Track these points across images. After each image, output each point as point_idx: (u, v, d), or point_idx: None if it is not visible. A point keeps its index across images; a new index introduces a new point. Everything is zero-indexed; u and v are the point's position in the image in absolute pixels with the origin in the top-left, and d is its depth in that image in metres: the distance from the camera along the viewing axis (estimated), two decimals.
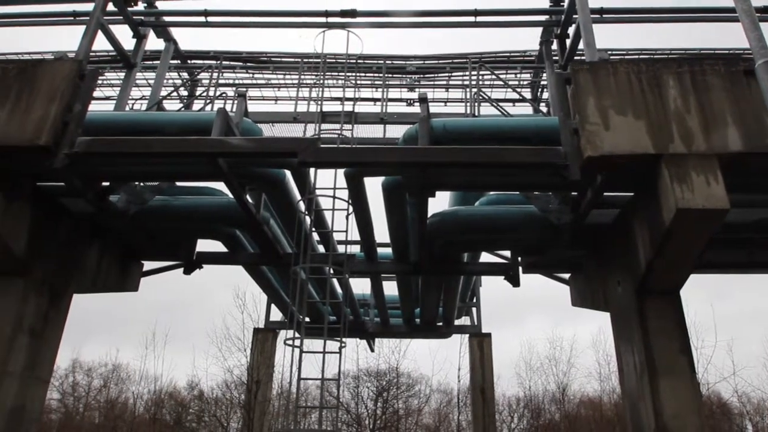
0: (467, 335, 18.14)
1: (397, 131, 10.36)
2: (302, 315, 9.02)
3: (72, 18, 10.01)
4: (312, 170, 8.58)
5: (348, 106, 9.99)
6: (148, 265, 10.06)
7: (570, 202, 7.77)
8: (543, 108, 11.90)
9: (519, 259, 10.02)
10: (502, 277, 10.29)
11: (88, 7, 9.27)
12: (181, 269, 9.84)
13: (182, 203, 8.61)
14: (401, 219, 8.96)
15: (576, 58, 8.82)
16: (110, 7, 8.83)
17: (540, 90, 12.49)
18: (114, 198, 8.14)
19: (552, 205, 8.00)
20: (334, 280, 11.00)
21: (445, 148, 6.80)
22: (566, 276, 10.35)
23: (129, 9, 9.40)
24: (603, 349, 27.41)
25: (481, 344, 17.43)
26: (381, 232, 10.05)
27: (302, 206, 8.86)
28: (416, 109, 11.54)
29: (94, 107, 7.74)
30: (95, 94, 7.80)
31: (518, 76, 12.69)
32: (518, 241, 9.37)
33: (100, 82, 11.16)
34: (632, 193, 7.01)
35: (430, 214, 8.43)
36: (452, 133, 7.25)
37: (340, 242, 10.52)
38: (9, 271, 7.41)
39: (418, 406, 31.47)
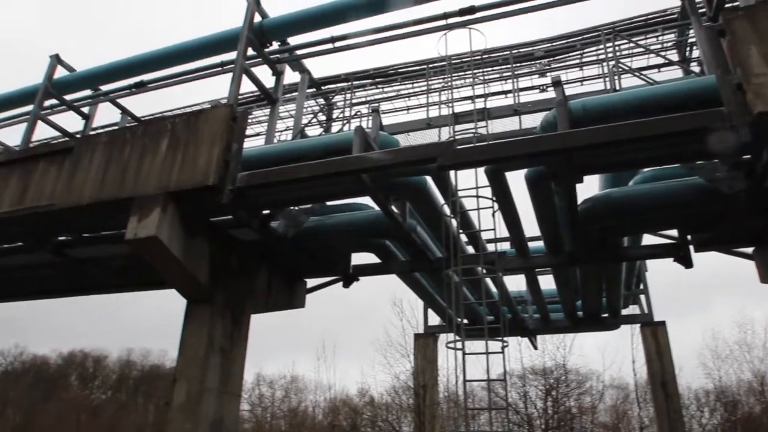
0: (638, 325, 16.80)
1: (533, 120, 10.02)
2: (460, 317, 9.03)
3: (221, 68, 11.14)
4: (452, 172, 8.59)
5: (479, 104, 9.87)
6: (311, 282, 10.77)
7: (742, 167, 6.89)
8: (695, 68, 10.75)
9: (688, 237, 9.10)
10: (671, 259, 9.41)
11: (232, 55, 10.29)
12: (341, 283, 10.39)
13: (334, 221, 9.12)
14: (549, 209, 8.62)
15: (727, 5, 7.86)
16: (250, 51, 9.66)
17: (688, 49, 11.30)
18: (274, 224, 8.86)
19: (720, 173, 7.15)
20: (488, 280, 10.87)
21: (588, 130, 6.42)
22: (749, 250, 9.17)
23: (266, 50, 10.21)
24: None
25: (654, 334, 16.02)
26: (530, 225, 9.75)
27: (447, 209, 8.90)
28: (551, 94, 11.06)
29: (248, 144, 8.51)
30: (247, 132, 8.58)
31: (660, 38, 11.60)
32: (685, 218, 8.52)
33: (249, 120, 12.23)
34: None
35: (579, 200, 8.00)
36: (593, 113, 6.84)
37: (489, 241, 10.39)
38: (197, 298, 8.40)
39: (592, 404, 29.81)
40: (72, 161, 8.62)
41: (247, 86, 10.44)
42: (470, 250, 10.87)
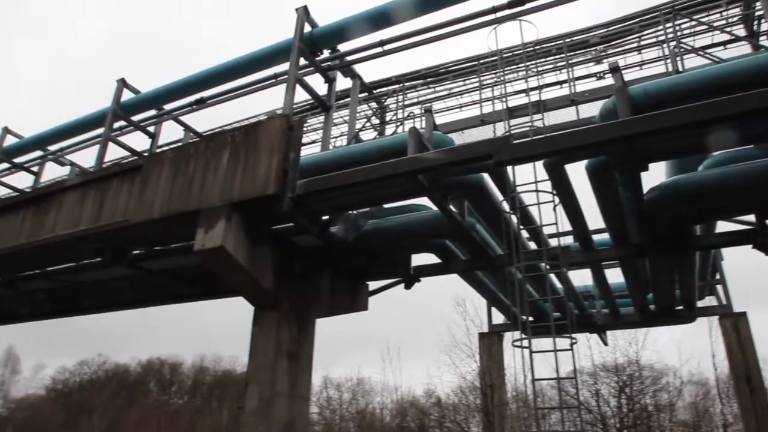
0: (716, 317, 15.93)
1: (591, 109, 9.72)
2: (525, 315, 8.86)
3: (274, 80, 11.43)
4: (509, 168, 8.46)
5: (534, 96, 9.67)
6: (373, 285, 10.86)
7: None
8: (765, 42, 10.12)
9: (767, 222, 8.57)
10: (750, 246, 8.88)
11: (285, 66, 10.54)
12: (402, 285, 10.41)
13: (393, 223, 9.16)
14: (613, 200, 8.33)
15: None
16: (302, 61, 9.86)
17: (756, 23, 10.65)
18: (334, 229, 8.99)
19: None
20: (552, 276, 10.62)
21: (651, 116, 6.15)
22: None
23: (317, 59, 10.40)
24: None
25: (735, 325, 15.12)
26: (593, 217, 9.45)
27: (506, 206, 8.77)
28: (608, 81, 10.71)
29: (304, 152, 8.68)
30: (303, 140, 8.76)
31: (724, 14, 10.99)
32: (762, 202, 8.03)
33: (305, 128, 12.48)
34: None
35: (645, 189, 7.69)
36: (656, 97, 6.56)
37: (551, 235, 10.13)
38: (263, 305, 8.65)
39: (669, 401, 28.50)
40: (142, 178, 9.06)
41: (301, 95, 10.69)
42: (532, 245, 10.65)
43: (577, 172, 8.11)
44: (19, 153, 15.21)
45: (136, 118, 12.84)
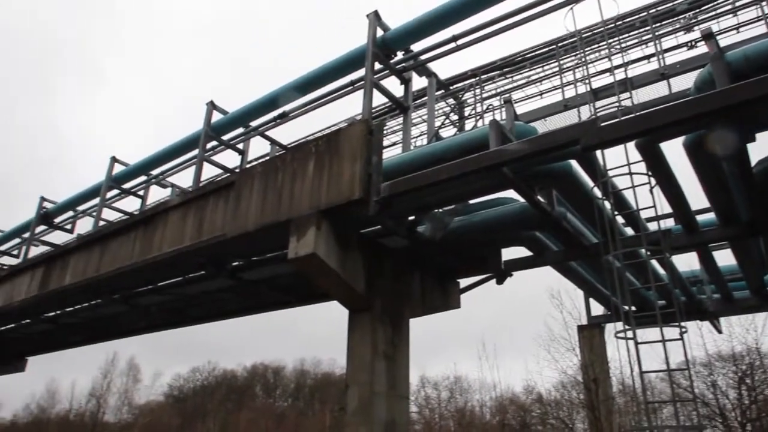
0: None
1: (684, 82, 9.11)
2: (627, 305, 8.43)
3: (351, 86, 11.65)
4: (598, 152, 8.09)
5: (619, 74, 9.19)
6: (464, 282, 10.78)
7: None
8: None
9: None
10: None
11: (360, 72, 10.72)
12: (494, 280, 10.25)
13: (480, 218, 9.05)
14: (718, 176, 7.74)
15: None
16: (376, 65, 9.98)
17: None
18: (421, 228, 9.02)
19: None
20: (654, 262, 10.04)
21: (755, 81, 5.66)
22: None
23: (391, 61, 10.48)
24: None
25: None
26: (695, 197, 8.85)
27: (597, 192, 8.40)
28: (702, 49, 9.98)
29: (386, 154, 8.79)
30: (384, 143, 8.86)
31: None
32: None
33: (384, 131, 12.61)
34: None
35: (753, 162, 7.09)
36: (758, 61, 6.03)
37: (650, 219, 9.58)
38: (358, 308, 8.84)
39: None
40: (235, 194, 9.55)
41: (378, 99, 10.82)
42: (629, 231, 10.12)
43: (674, 150, 7.63)
44: (127, 179, 16.51)
45: (225, 137, 13.56)
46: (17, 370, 23.50)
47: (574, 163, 8.06)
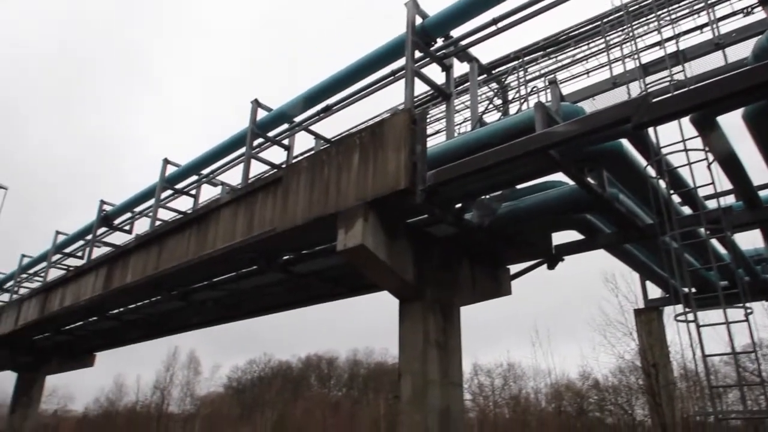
0: None
1: (741, 51, 8.66)
2: (686, 286, 8.13)
3: (392, 76, 11.62)
4: (651, 129, 7.80)
5: (670, 47, 8.81)
6: (514, 268, 10.64)
7: None
8: None
9: None
10: None
11: (401, 62, 10.67)
12: (545, 266, 10.07)
13: (528, 203, 8.89)
14: None
15: None
16: (417, 54, 9.91)
17: None
18: (468, 216, 8.94)
19: None
20: (714, 241, 9.63)
21: None
22: None
23: (431, 48, 10.38)
24: None
25: None
26: (757, 171, 8.42)
27: (651, 171, 8.10)
28: (759, 15, 9.45)
29: (430, 143, 8.71)
30: (428, 131, 8.80)
31: None
32: None
33: (428, 119, 12.53)
34: None
35: None
36: None
37: (708, 197, 9.18)
38: (407, 297, 8.87)
39: None
40: (283, 189, 9.72)
41: (420, 87, 10.75)
42: (687, 210, 9.74)
43: (733, 122, 7.28)
44: (179, 180, 17.05)
45: (271, 133, 13.78)
46: (87, 365, 24.81)
47: (625, 142, 7.80)
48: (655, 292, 15.86)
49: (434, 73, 10.69)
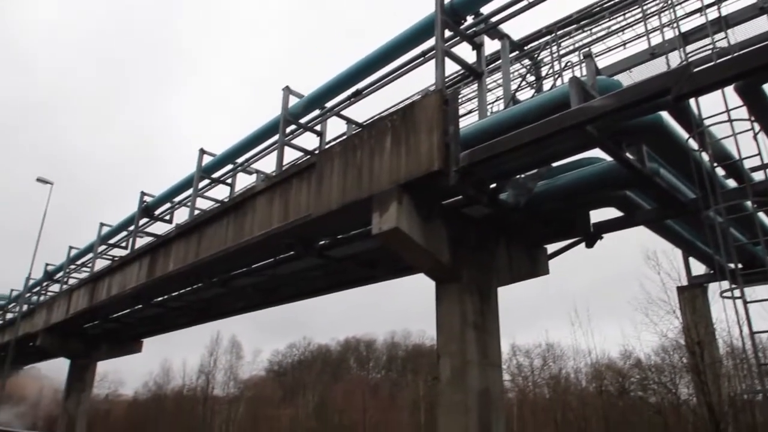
0: None
1: None
2: (732, 262, 7.88)
3: (422, 57, 11.51)
4: (692, 100, 7.53)
5: (712, 13, 8.47)
6: (551, 248, 10.49)
7: None
8: None
9: None
10: None
11: (431, 42, 10.56)
12: (583, 244, 9.90)
13: (565, 181, 8.74)
14: None
15: None
16: (446, 33, 9.77)
17: None
18: (504, 196, 8.85)
19: None
20: (761, 214, 9.28)
21: None
22: None
23: (461, 27, 10.23)
24: None
25: None
26: None
27: (693, 143, 7.84)
28: None
29: (463, 123, 8.64)
30: (460, 111, 8.71)
31: None
32: None
33: (459, 100, 12.40)
34: None
35: None
36: None
37: (755, 168, 8.85)
38: (444, 279, 8.87)
39: None
40: (317, 175, 9.79)
41: (451, 67, 10.61)
42: (732, 183, 9.41)
43: None
44: (215, 169, 17.36)
45: (303, 120, 13.87)
46: (134, 351, 25.76)
47: (665, 114, 7.55)
48: (698, 268, 15.43)
49: (465, 52, 10.55)
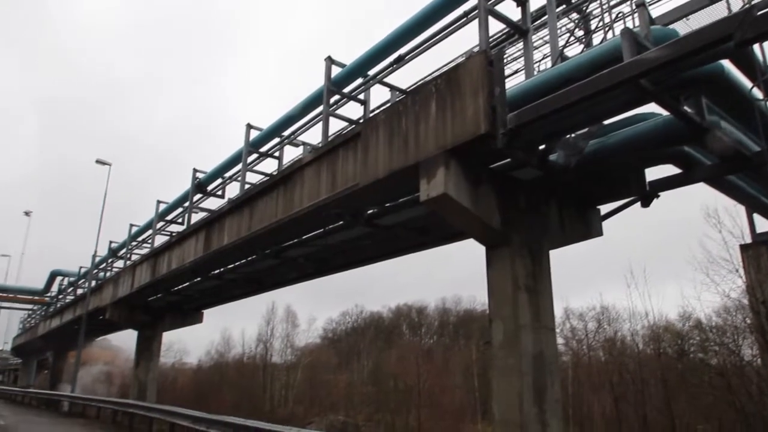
0: None
1: None
2: None
3: (465, 17, 11.20)
4: (756, 47, 7.07)
5: None
6: (605, 208, 10.22)
7: None
8: None
9: None
10: None
11: (473, 2, 10.25)
12: (638, 204, 9.59)
13: (618, 139, 8.43)
14: None
15: None
16: None
17: None
18: (554, 156, 8.63)
19: None
20: None
21: None
22: None
23: None
24: None
25: None
26: None
27: (758, 93, 7.39)
28: None
29: (509, 84, 8.40)
30: (506, 72, 8.48)
31: None
32: None
33: (505, 60, 12.05)
34: None
35: None
36: None
37: None
38: (495, 243, 8.80)
39: None
40: (363, 144, 9.80)
41: (494, 27, 10.30)
42: None
43: None
44: (263, 143, 17.62)
45: (346, 89, 13.83)
46: (196, 321, 26.93)
47: (726, 63, 7.13)
48: (763, 225, 14.73)
49: (509, 9, 10.20)
